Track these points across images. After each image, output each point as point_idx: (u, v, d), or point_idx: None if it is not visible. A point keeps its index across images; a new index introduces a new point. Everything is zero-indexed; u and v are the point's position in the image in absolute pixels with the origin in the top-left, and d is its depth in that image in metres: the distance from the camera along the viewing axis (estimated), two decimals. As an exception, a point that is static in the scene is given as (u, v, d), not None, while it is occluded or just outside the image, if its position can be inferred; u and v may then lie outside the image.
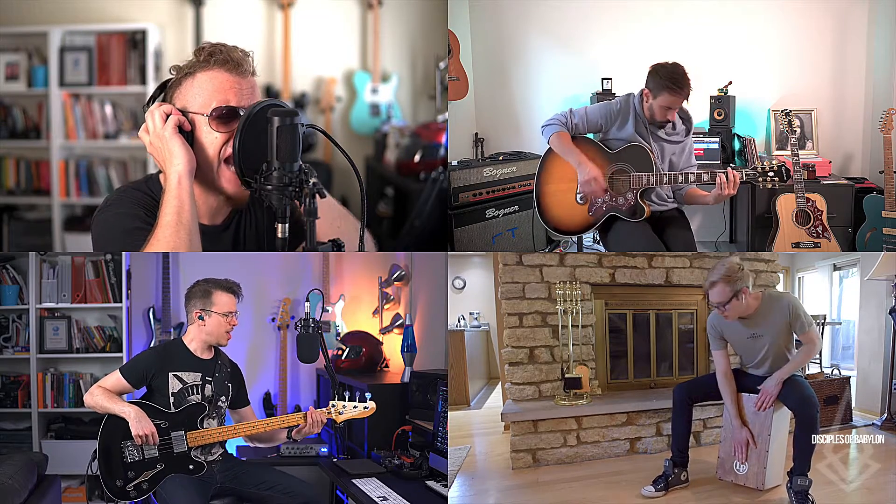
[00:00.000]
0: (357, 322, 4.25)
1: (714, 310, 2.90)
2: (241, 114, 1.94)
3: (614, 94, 4.56)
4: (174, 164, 1.92)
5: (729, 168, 3.02)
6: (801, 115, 4.53)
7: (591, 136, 3.35)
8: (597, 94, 4.63)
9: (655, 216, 3.29)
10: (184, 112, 1.97)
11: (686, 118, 3.26)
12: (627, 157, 3.16)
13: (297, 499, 2.68)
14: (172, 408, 2.64)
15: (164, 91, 2.04)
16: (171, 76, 2.03)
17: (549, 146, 3.34)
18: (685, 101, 3.08)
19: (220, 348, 2.83)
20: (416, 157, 4.54)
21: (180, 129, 1.95)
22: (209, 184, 2.04)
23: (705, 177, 3.05)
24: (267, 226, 2.20)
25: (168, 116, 1.95)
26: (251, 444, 2.96)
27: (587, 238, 4.34)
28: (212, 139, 1.98)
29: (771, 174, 2.96)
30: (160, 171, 2.09)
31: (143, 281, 4.11)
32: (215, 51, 1.97)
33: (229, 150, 1.97)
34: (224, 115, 1.96)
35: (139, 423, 2.53)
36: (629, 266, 3.85)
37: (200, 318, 2.73)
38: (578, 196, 3.31)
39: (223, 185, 2.04)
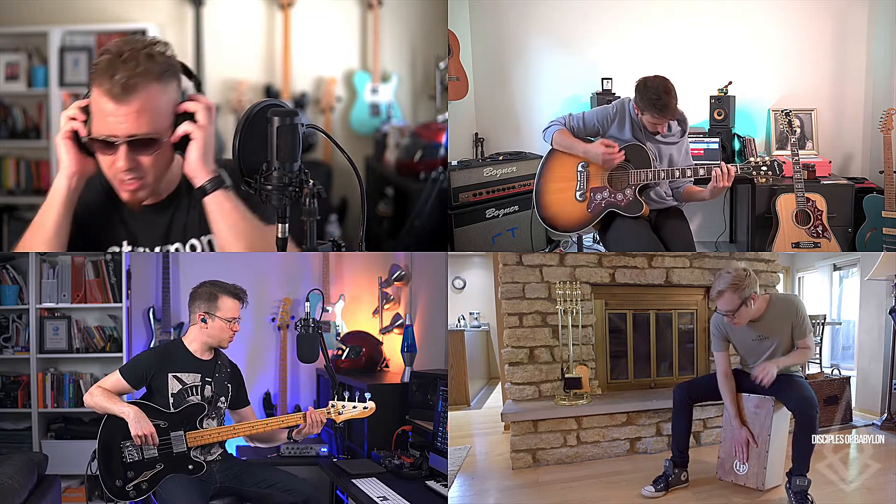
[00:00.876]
0: (357, 322, 4.25)
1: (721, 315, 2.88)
2: (116, 143, 1.92)
3: (614, 93, 4.56)
4: (60, 169, 1.98)
5: (723, 162, 3.10)
6: (801, 115, 4.53)
7: (589, 139, 3.39)
8: (597, 94, 4.63)
9: (655, 214, 3.33)
10: (88, 119, 1.96)
11: (681, 119, 3.31)
12: (627, 156, 3.21)
13: (297, 496, 2.68)
14: (172, 408, 2.64)
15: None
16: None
17: (551, 147, 3.40)
18: (673, 115, 3.13)
19: (221, 349, 2.83)
20: (416, 157, 4.54)
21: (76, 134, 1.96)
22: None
23: (701, 171, 3.12)
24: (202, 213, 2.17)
25: (69, 120, 1.95)
26: (252, 444, 2.96)
27: (587, 238, 4.34)
28: (102, 157, 1.98)
29: (764, 168, 3.08)
30: None
31: (143, 281, 4.11)
32: (103, 74, 1.86)
33: (114, 172, 1.97)
34: (99, 144, 1.95)
35: (138, 424, 2.53)
36: (629, 266, 3.85)
37: (203, 320, 2.73)
38: (578, 193, 3.35)
39: (122, 198, 2.06)
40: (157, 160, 2.00)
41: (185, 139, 1.99)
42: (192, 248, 2.20)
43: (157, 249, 2.17)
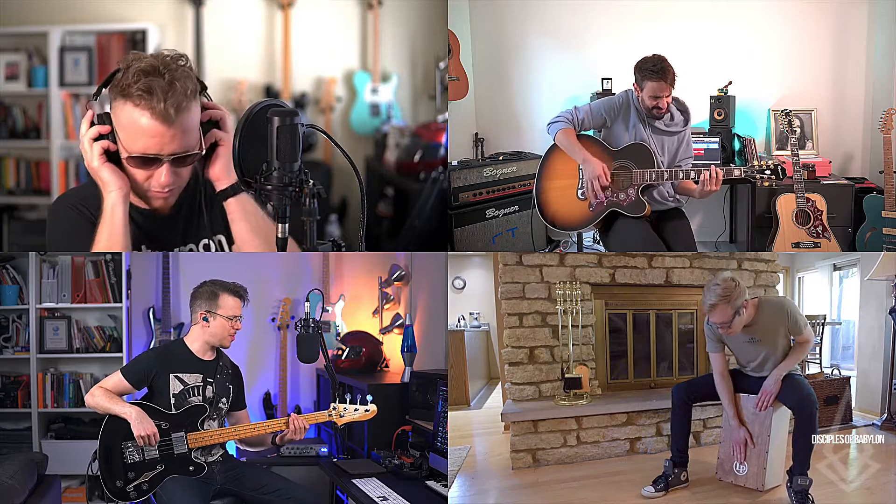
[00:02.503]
0: (357, 322, 4.25)
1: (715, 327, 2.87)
2: (162, 159, 1.95)
3: (614, 93, 4.55)
4: (107, 191, 1.97)
5: (713, 165, 3.09)
6: (801, 115, 4.53)
7: (592, 132, 3.39)
8: (597, 94, 4.63)
9: (656, 214, 3.32)
10: (114, 130, 1.96)
11: (683, 109, 3.33)
12: (629, 155, 3.21)
13: (297, 504, 2.68)
14: (173, 409, 2.64)
15: (110, 83, 1.99)
16: (118, 68, 1.97)
17: (553, 143, 3.39)
18: (671, 87, 3.15)
19: (222, 350, 2.83)
20: (416, 157, 4.54)
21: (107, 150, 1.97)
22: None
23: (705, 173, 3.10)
24: (213, 213, 2.21)
25: (94, 142, 1.95)
26: (240, 447, 2.95)
27: (587, 238, 4.34)
28: (137, 171, 2.00)
29: (768, 172, 3.05)
30: None
31: (143, 281, 4.11)
32: (145, 93, 1.88)
33: (153, 184, 2.01)
34: (141, 161, 1.97)
35: (140, 424, 2.53)
36: (629, 266, 3.85)
37: (205, 319, 2.73)
38: (579, 192, 3.35)
39: (152, 205, 2.10)
40: (189, 169, 2.07)
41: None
42: (206, 247, 2.22)
43: (177, 251, 2.19)
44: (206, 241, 2.22)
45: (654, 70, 3.11)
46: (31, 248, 4.42)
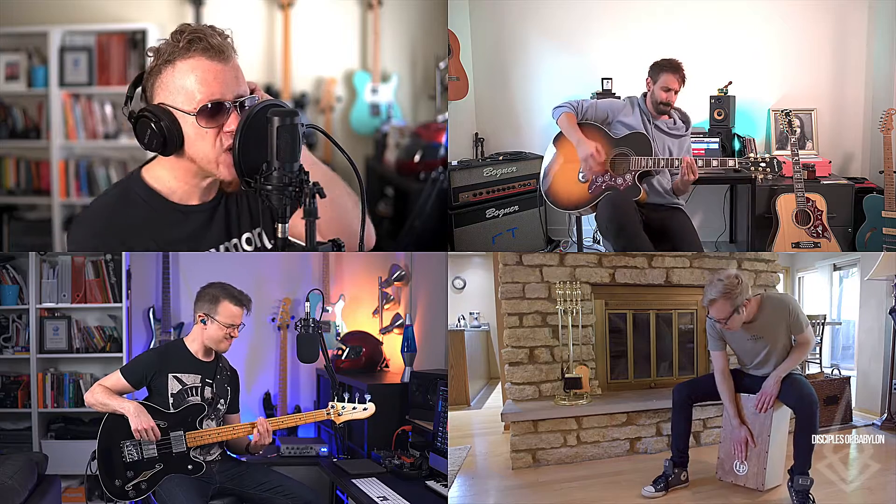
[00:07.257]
0: (357, 322, 4.25)
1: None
2: (227, 106, 1.89)
3: (614, 94, 4.56)
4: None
5: (685, 156, 3.34)
6: (801, 115, 4.53)
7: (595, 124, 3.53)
8: (597, 94, 4.63)
9: (658, 215, 3.37)
10: (166, 108, 1.89)
11: (684, 117, 3.50)
12: (629, 143, 3.37)
13: (297, 501, 2.67)
14: (172, 409, 2.64)
15: (142, 81, 1.94)
16: (149, 58, 1.92)
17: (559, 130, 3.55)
18: (682, 83, 3.38)
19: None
20: (416, 157, 4.54)
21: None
22: (205, 170, 1.99)
23: (700, 162, 3.30)
24: (251, 206, 2.16)
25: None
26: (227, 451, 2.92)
27: (587, 238, 4.35)
28: (203, 133, 1.90)
29: (763, 165, 3.20)
30: (143, 165, 2.06)
31: (143, 281, 4.11)
32: (194, 38, 1.86)
33: (226, 140, 1.91)
34: (211, 111, 1.89)
35: (138, 418, 2.54)
36: (629, 266, 3.85)
37: (203, 321, 2.73)
38: (580, 175, 3.48)
39: (222, 173, 1.97)
40: None
41: None
42: (249, 241, 2.16)
43: (222, 248, 2.12)
44: (247, 234, 2.16)
45: (671, 63, 3.37)
46: (31, 248, 4.42)
